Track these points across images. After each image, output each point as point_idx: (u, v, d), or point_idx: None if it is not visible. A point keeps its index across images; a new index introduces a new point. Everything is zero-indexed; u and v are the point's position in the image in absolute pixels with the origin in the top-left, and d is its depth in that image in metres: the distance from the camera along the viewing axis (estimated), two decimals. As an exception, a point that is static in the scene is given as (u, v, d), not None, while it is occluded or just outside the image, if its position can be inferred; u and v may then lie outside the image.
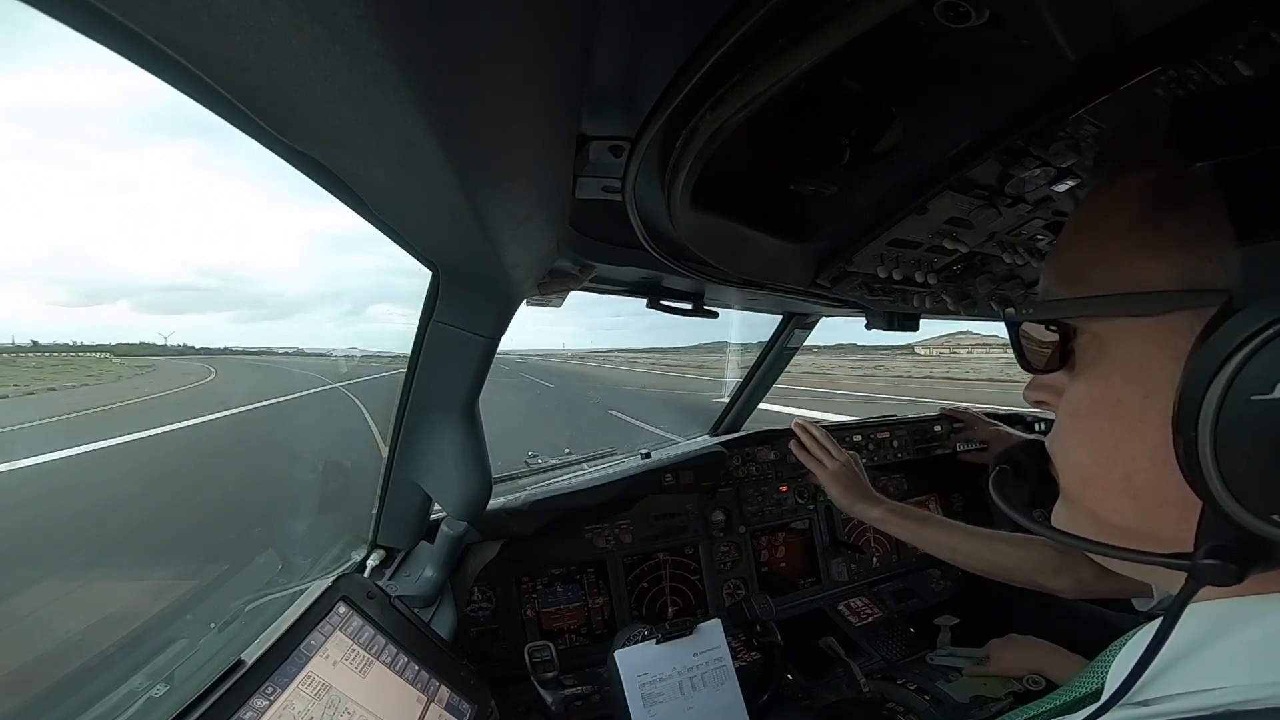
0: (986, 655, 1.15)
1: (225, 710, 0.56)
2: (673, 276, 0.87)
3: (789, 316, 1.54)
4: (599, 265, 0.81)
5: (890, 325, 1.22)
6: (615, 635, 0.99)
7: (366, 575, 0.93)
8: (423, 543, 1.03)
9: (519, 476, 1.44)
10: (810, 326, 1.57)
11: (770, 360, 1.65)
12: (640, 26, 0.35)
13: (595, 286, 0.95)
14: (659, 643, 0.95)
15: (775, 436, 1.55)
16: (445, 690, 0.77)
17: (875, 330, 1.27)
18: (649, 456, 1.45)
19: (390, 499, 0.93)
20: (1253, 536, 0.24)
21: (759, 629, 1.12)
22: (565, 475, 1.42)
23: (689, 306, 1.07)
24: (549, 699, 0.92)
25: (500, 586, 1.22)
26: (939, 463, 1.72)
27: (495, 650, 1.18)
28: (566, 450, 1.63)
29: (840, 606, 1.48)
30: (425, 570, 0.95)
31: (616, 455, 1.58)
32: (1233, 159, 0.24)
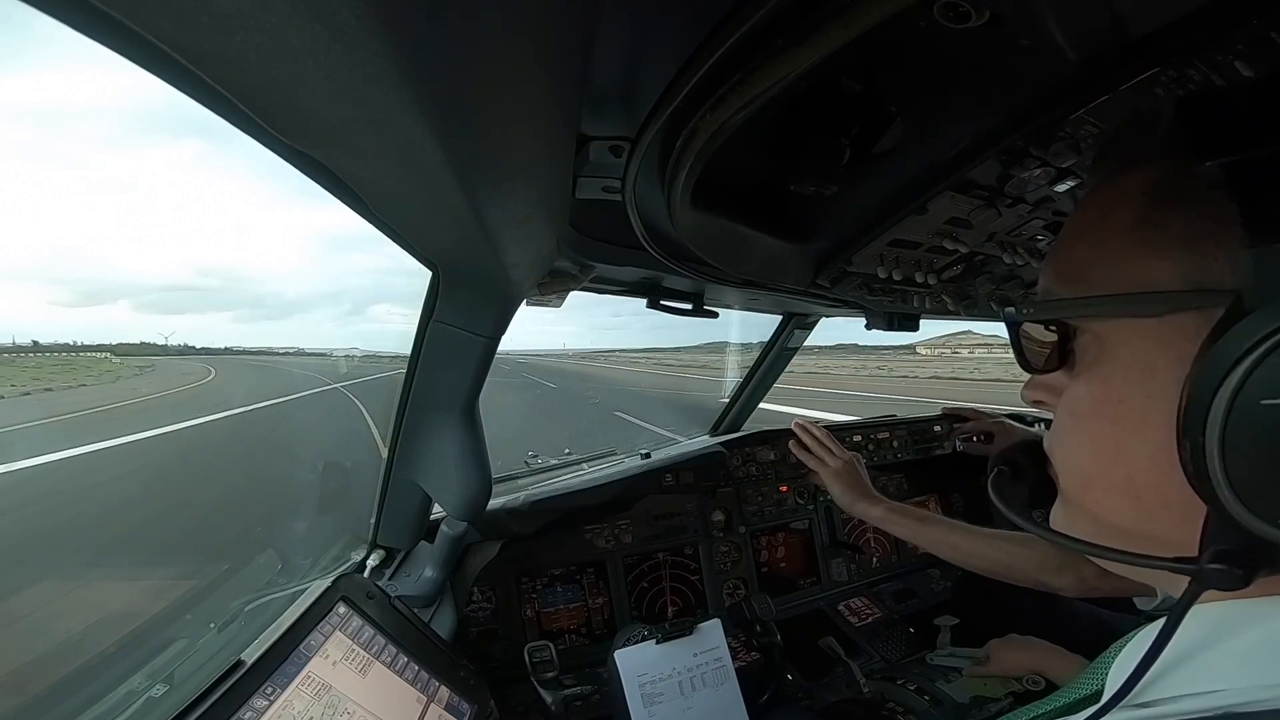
0: (986, 655, 1.15)
1: (225, 710, 0.56)
2: (673, 276, 0.87)
3: (789, 316, 1.54)
4: (599, 265, 0.81)
5: (890, 325, 1.22)
6: (615, 635, 0.99)
7: (366, 575, 0.92)
8: (422, 543, 1.03)
9: (519, 476, 1.44)
10: (810, 326, 1.57)
11: (770, 360, 1.65)
12: (640, 26, 0.35)
13: (595, 286, 0.95)
14: (659, 643, 0.95)
15: (775, 436, 1.55)
16: (445, 690, 0.77)
17: (876, 330, 1.27)
18: (649, 457, 1.45)
19: (390, 499, 0.93)
20: (1259, 541, 0.23)
21: (759, 629, 1.12)
22: (565, 475, 1.42)
23: (689, 306, 1.07)
24: (549, 699, 0.92)
25: (500, 586, 1.22)
26: (939, 463, 1.73)
27: (495, 650, 1.18)
28: (566, 450, 1.63)
29: (840, 607, 1.48)
30: (425, 570, 0.95)
31: (616, 455, 1.58)
32: (1242, 158, 0.24)
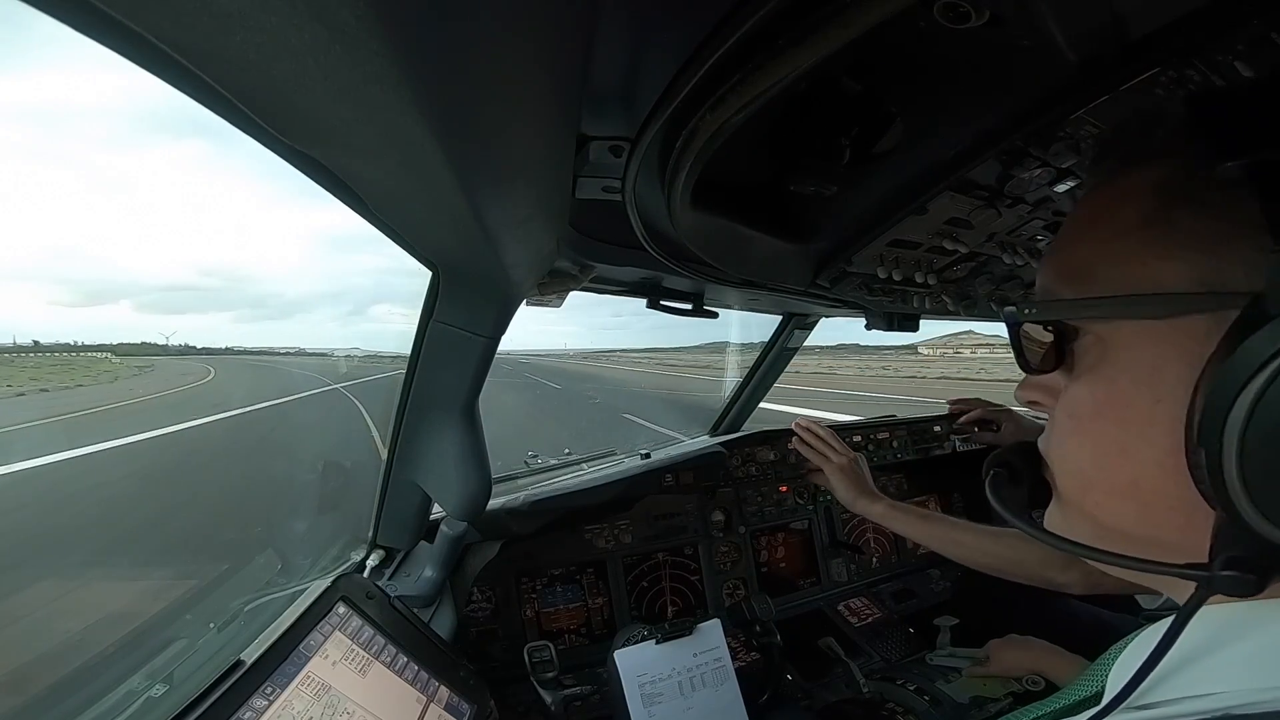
0: (986, 656, 1.15)
1: (225, 710, 0.56)
2: (673, 276, 0.87)
3: (789, 317, 1.54)
4: (599, 265, 0.81)
5: (890, 326, 1.22)
6: (615, 635, 0.99)
7: (366, 575, 0.92)
8: (422, 543, 1.03)
9: (519, 476, 1.44)
10: (810, 327, 1.57)
11: (770, 360, 1.65)
12: (640, 26, 0.35)
13: (595, 287, 0.95)
14: (659, 643, 0.95)
15: (775, 437, 1.55)
16: (445, 690, 0.77)
17: (876, 331, 1.27)
18: (649, 457, 1.44)
19: (390, 499, 0.93)
20: (1274, 547, 0.23)
21: (759, 629, 1.12)
22: (565, 475, 1.42)
23: (689, 307, 1.07)
24: (549, 699, 0.92)
25: (500, 586, 1.22)
26: (939, 463, 1.73)
27: (495, 650, 1.18)
28: (566, 450, 1.63)
29: (840, 607, 1.48)
30: (425, 570, 0.95)
31: (616, 455, 1.58)
32: (1266, 158, 0.23)
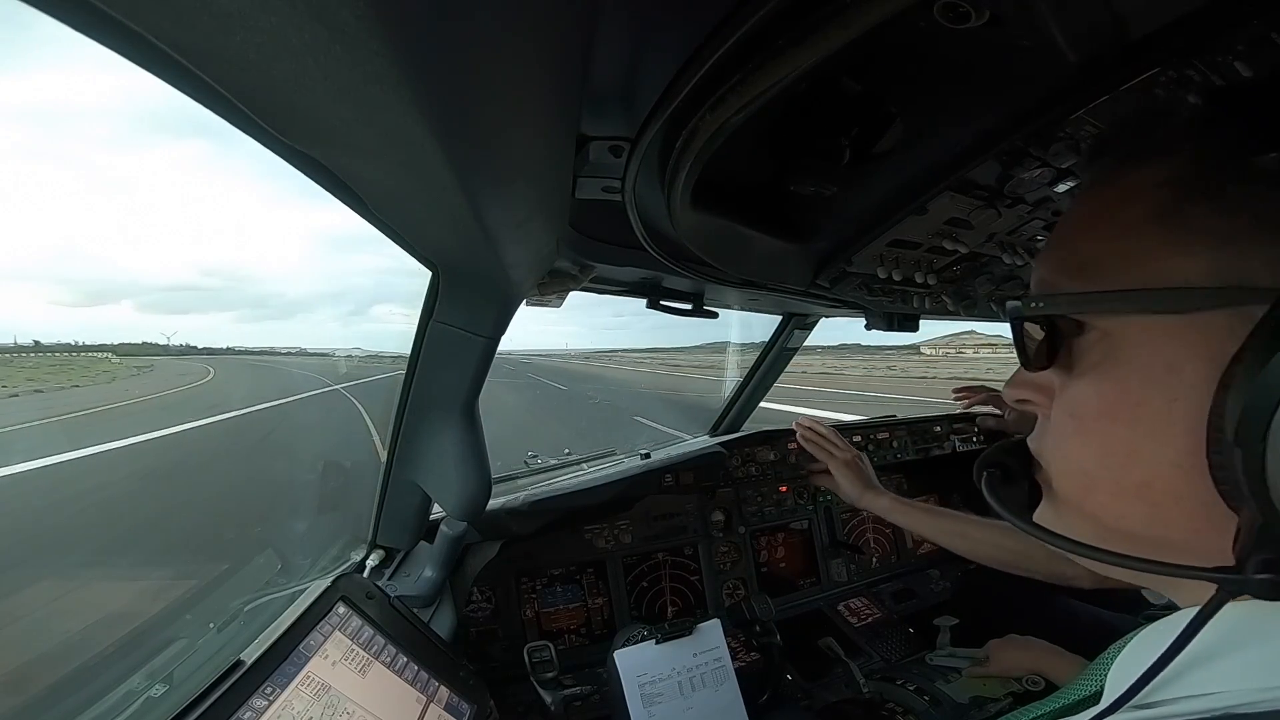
0: (986, 655, 1.15)
1: (224, 710, 0.56)
2: (673, 277, 0.87)
3: (789, 317, 1.54)
4: (599, 265, 0.81)
5: (890, 326, 1.22)
6: (615, 635, 0.99)
7: (366, 575, 0.92)
8: (422, 543, 1.03)
9: (519, 476, 1.44)
10: (810, 327, 1.57)
11: (770, 360, 1.65)
12: (640, 26, 0.35)
13: (595, 287, 0.95)
14: (658, 643, 0.95)
15: (775, 437, 1.55)
16: (444, 690, 0.77)
17: (876, 331, 1.27)
18: (649, 457, 1.45)
19: (390, 499, 0.93)
20: None
21: (758, 629, 1.12)
22: (565, 475, 1.42)
23: (689, 307, 1.07)
24: (548, 699, 0.92)
25: (500, 587, 1.22)
26: (939, 463, 1.73)
27: (495, 650, 1.18)
28: (566, 450, 1.63)
29: (840, 607, 1.48)
30: (425, 570, 0.95)
31: (616, 455, 1.58)
32: None
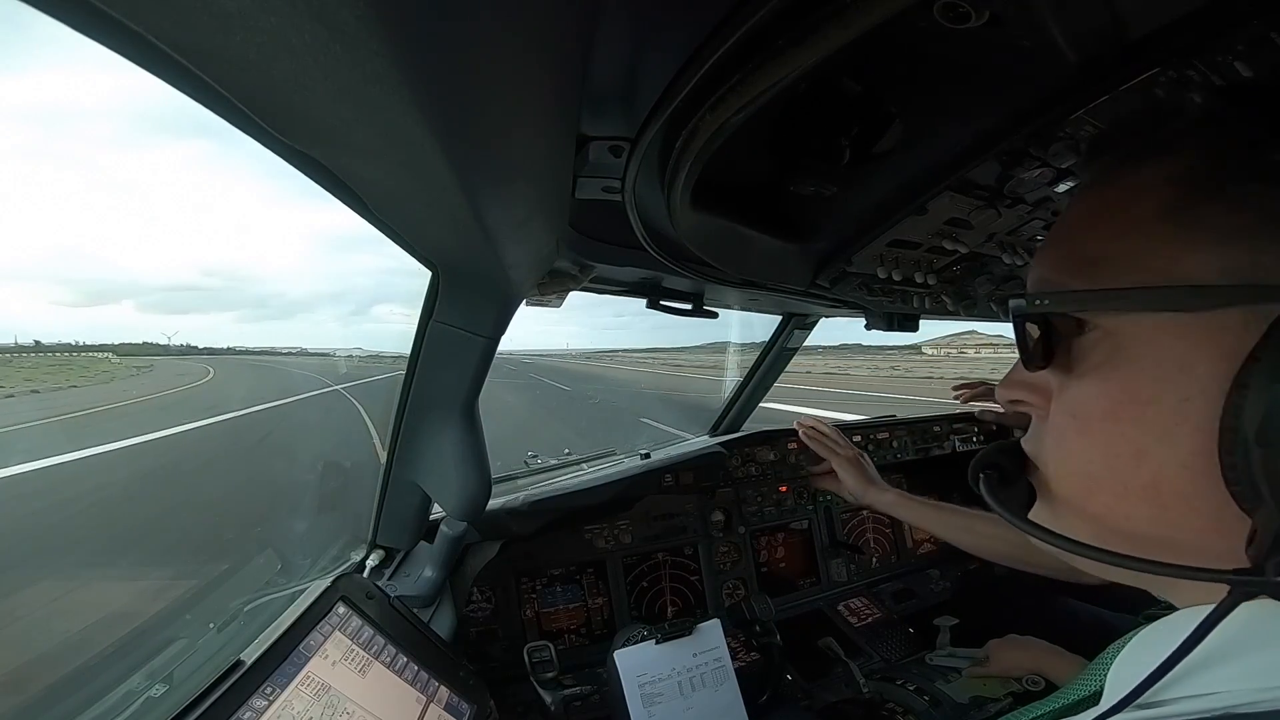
0: (986, 655, 1.15)
1: (224, 710, 0.56)
2: (672, 277, 0.87)
3: (789, 317, 1.54)
4: (599, 265, 0.81)
5: (890, 326, 1.22)
6: (615, 635, 0.99)
7: (366, 575, 0.92)
8: (422, 543, 1.03)
9: (518, 476, 1.44)
10: (810, 327, 1.57)
11: (770, 360, 1.65)
12: (640, 26, 0.35)
13: (595, 287, 0.95)
14: (658, 643, 0.95)
15: (775, 437, 1.55)
16: (444, 690, 0.77)
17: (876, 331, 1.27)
18: (649, 457, 1.45)
19: (390, 499, 0.93)
20: None
21: (758, 629, 1.12)
22: (565, 475, 1.42)
23: (689, 307, 1.07)
24: (548, 699, 0.92)
25: (500, 587, 1.22)
26: (939, 463, 1.73)
27: (494, 650, 1.18)
28: (566, 450, 1.63)
29: (840, 607, 1.48)
30: (425, 570, 0.95)
31: (616, 455, 1.58)
32: None
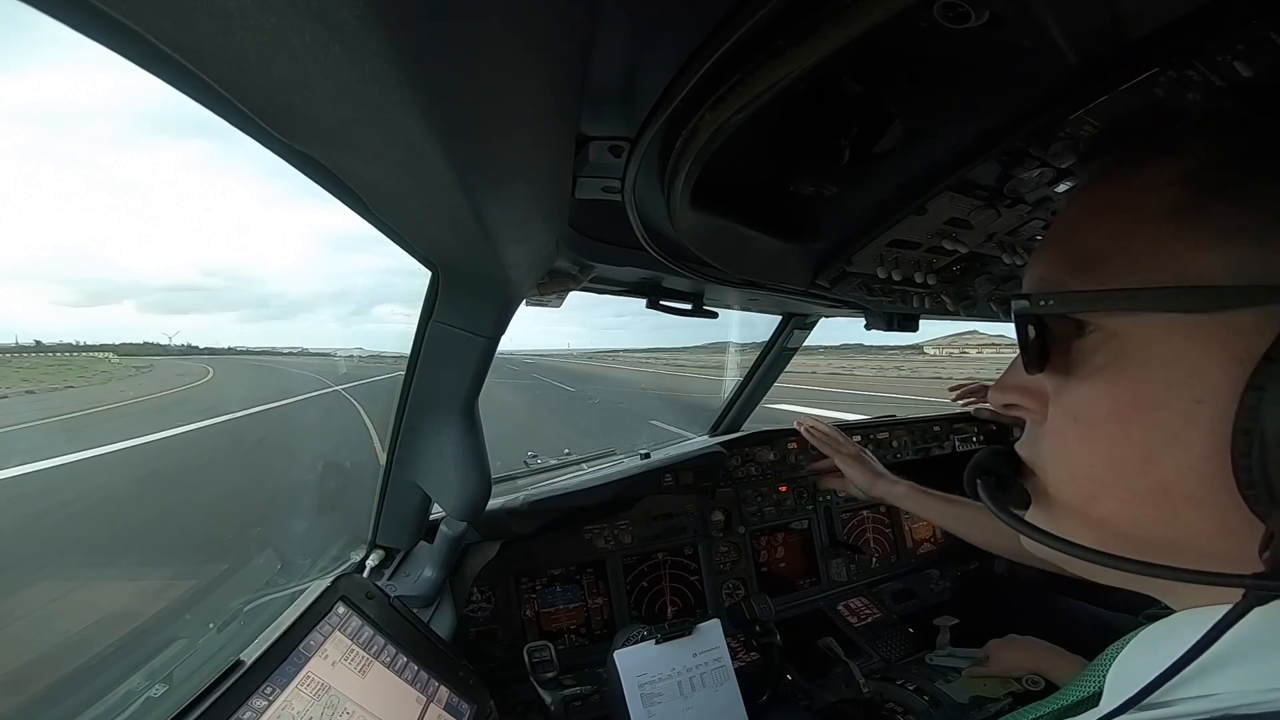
0: (986, 655, 1.15)
1: (224, 710, 0.56)
2: (672, 277, 0.87)
3: (789, 317, 1.54)
4: (598, 265, 0.81)
5: (890, 326, 1.22)
6: (615, 635, 0.99)
7: (366, 575, 0.93)
8: (422, 543, 1.03)
9: (518, 476, 1.44)
10: (810, 327, 1.57)
11: (770, 360, 1.65)
12: (640, 27, 0.35)
13: (595, 287, 0.95)
14: (658, 643, 0.95)
15: (775, 437, 1.55)
16: (444, 690, 0.77)
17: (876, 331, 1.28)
18: (648, 457, 1.45)
19: (389, 499, 0.93)
20: None
21: (758, 629, 1.12)
22: (565, 475, 1.42)
23: (689, 307, 1.07)
24: (548, 699, 0.92)
25: (500, 587, 1.22)
26: (939, 463, 1.73)
27: (494, 650, 1.18)
28: (566, 450, 1.63)
29: (839, 607, 1.48)
30: (424, 570, 0.95)
31: (616, 455, 1.58)
32: None
